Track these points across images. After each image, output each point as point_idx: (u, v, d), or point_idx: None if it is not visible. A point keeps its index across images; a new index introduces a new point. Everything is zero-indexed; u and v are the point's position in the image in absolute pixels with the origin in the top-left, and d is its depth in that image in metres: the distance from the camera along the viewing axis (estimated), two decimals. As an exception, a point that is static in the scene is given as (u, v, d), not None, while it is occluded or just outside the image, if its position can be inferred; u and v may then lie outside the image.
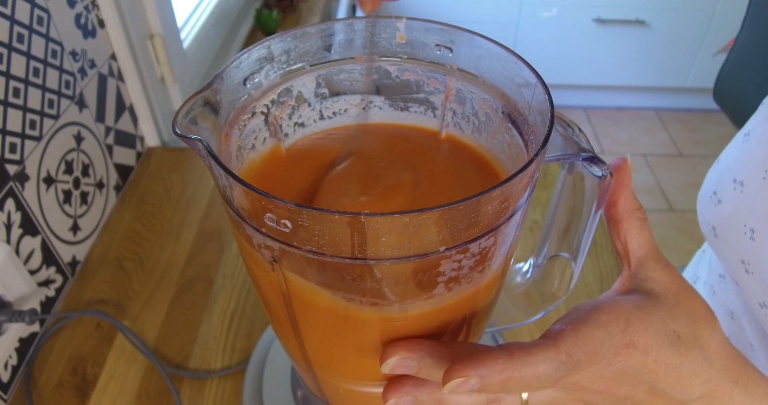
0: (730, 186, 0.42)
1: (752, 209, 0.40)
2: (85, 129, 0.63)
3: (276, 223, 0.25)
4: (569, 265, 0.36)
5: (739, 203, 0.41)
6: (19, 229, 0.52)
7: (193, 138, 0.26)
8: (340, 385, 0.38)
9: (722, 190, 0.43)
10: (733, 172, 0.42)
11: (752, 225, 0.40)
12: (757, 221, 0.39)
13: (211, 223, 0.68)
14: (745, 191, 0.40)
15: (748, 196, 0.40)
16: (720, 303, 0.49)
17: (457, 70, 0.35)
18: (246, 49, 0.31)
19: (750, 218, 0.40)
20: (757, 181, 0.40)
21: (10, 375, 0.51)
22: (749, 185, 0.40)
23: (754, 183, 0.40)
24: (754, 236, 0.40)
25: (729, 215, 0.42)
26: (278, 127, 0.36)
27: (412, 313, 0.29)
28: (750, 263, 0.41)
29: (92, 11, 0.64)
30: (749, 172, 0.40)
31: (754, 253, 0.40)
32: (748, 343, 0.46)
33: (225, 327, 0.57)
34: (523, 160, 0.30)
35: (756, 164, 0.40)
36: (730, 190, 0.42)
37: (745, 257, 0.41)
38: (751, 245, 0.40)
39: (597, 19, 2.08)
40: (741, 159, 0.41)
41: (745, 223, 0.40)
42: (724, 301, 0.48)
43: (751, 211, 0.40)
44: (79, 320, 0.57)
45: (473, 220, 0.25)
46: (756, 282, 0.40)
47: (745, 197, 0.40)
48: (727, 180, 0.42)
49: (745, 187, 0.41)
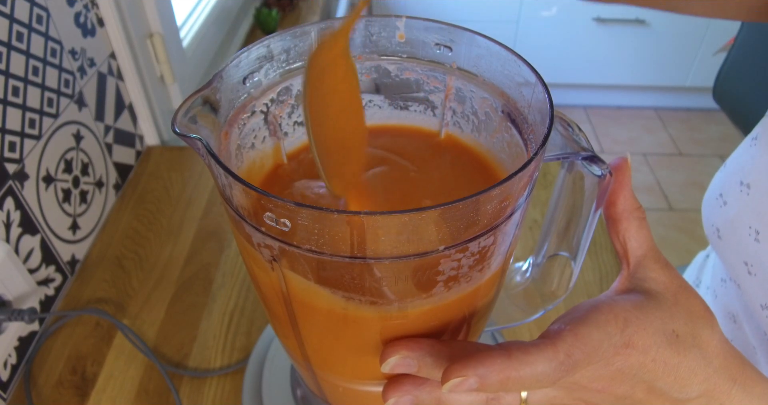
0: (737, 188, 0.42)
1: (758, 211, 0.40)
2: (84, 128, 0.63)
3: (275, 222, 0.25)
4: (569, 264, 0.36)
5: (745, 205, 0.41)
6: (18, 228, 0.52)
7: (192, 137, 0.26)
8: (339, 383, 0.38)
9: (728, 192, 0.43)
10: (740, 175, 0.42)
11: (757, 227, 0.40)
12: (763, 223, 0.40)
13: (211, 222, 0.68)
14: (752, 194, 0.41)
15: (755, 199, 0.40)
16: (722, 306, 0.49)
17: (457, 69, 0.35)
18: (245, 47, 0.31)
19: (755, 220, 0.40)
20: (764, 183, 0.40)
21: (10, 374, 0.51)
22: (756, 188, 0.40)
23: (762, 185, 0.40)
24: (759, 238, 0.40)
25: (734, 217, 0.42)
26: (278, 125, 0.36)
27: (411, 312, 0.29)
28: (753, 265, 0.41)
29: (92, 10, 0.64)
30: (756, 174, 0.41)
31: (757, 254, 0.40)
32: (751, 346, 0.46)
33: (224, 326, 0.57)
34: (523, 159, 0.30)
35: (763, 167, 0.40)
36: (737, 192, 0.42)
37: (748, 259, 0.41)
38: (755, 247, 0.40)
39: (597, 19, 2.08)
40: (748, 162, 0.42)
41: (750, 225, 0.40)
42: (726, 304, 0.48)
43: (757, 213, 0.40)
44: (78, 319, 0.57)
45: (473, 219, 0.25)
46: (758, 283, 0.41)
47: (751, 199, 0.41)
48: (733, 182, 0.42)
49: (751, 190, 0.41)
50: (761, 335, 0.44)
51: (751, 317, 0.45)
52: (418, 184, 0.34)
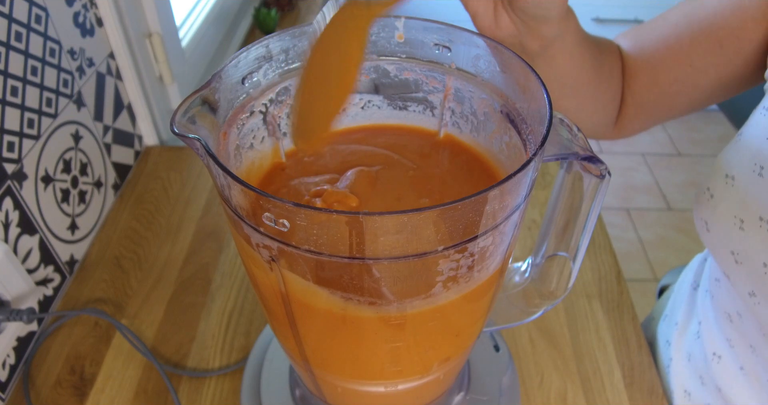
0: (722, 181, 0.43)
1: (742, 200, 0.41)
2: (83, 128, 0.63)
3: (274, 223, 0.25)
4: (567, 264, 0.36)
5: (730, 196, 0.42)
6: (17, 228, 0.52)
7: (191, 137, 0.26)
8: (338, 383, 0.38)
9: (715, 185, 0.44)
10: (725, 169, 0.44)
11: (741, 216, 0.41)
12: (747, 211, 0.41)
13: (210, 222, 0.68)
14: (736, 184, 0.42)
15: (739, 189, 0.42)
16: (719, 307, 0.49)
17: (456, 69, 0.35)
18: (244, 47, 0.31)
19: (740, 210, 0.41)
20: (747, 174, 0.41)
21: (8, 374, 0.51)
22: (740, 178, 0.42)
23: (745, 176, 0.41)
24: (743, 226, 0.41)
25: (720, 209, 0.43)
26: (276, 126, 0.36)
27: (410, 313, 0.29)
28: (739, 253, 0.42)
29: (90, 10, 0.64)
30: (740, 166, 0.42)
31: (742, 242, 0.41)
32: (748, 345, 0.46)
33: (223, 326, 0.57)
34: (522, 160, 0.30)
35: (747, 158, 0.41)
36: (722, 185, 0.43)
37: (734, 247, 0.42)
38: (740, 235, 0.41)
39: (596, 19, 2.08)
40: (734, 157, 0.43)
41: (735, 215, 0.42)
42: (721, 304, 0.49)
43: (741, 203, 0.41)
44: (77, 319, 0.57)
45: (471, 220, 0.25)
46: (745, 272, 0.41)
47: (735, 190, 0.42)
48: (719, 176, 0.44)
49: (735, 181, 0.42)
50: (759, 334, 0.44)
51: (747, 314, 0.45)
52: (417, 184, 0.34)
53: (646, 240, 1.79)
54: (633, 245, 1.77)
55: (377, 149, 0.37)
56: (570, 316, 0.58)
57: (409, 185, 0.34)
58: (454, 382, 0.46)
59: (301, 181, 0.35)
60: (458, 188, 0.34)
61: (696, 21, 0.47)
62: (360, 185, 0.33)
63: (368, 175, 0.34)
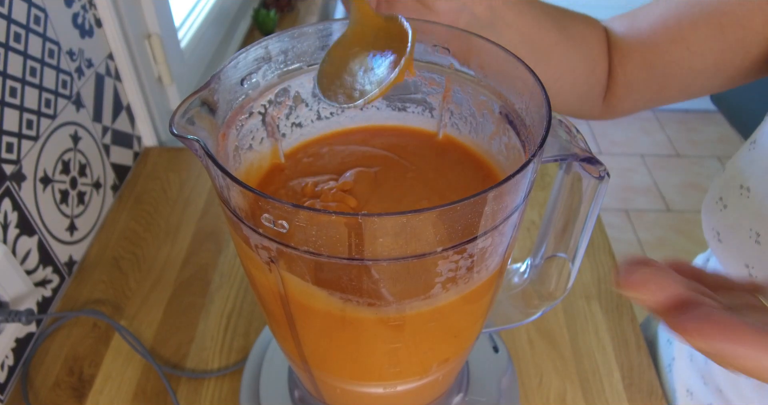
0: (737, 192, 0.42)
1: (759, 214, 0.40)
2: (82, 129, 0.63)
3: (273, 224, 0.25)
4: (566, 266, 0.36)
5: (745, 208, 0.41)
6: (15, 229, 0.52)
7: (190, 138, 0.26)
8: (337, 385, 0.38)
9: (728, 196, 0.43)
10: (739, 179, 0.42)
11: (758, 229, 0.40)
12: (763, 225, 0.40)
13: (209, 223, 0.67)
14: (752, 196, 0.41)
15: (755, 202, 0.41)
16: None
17: (455, 70, 0.35)
18: (244, 48, 0.31)
19: (756, 222, 0.40)
20: (764, 186, 0.40)
21: (7, 375, 0.51)
22: (756, 190, 0.41)
23: (762, 188, 0.40)
24: (760, 240, 0.40)
25: (734, 220, 0.42)
26: (275, 127, 0.36)
27: (409, 314, 0.29)
28: (755, 266, 0.41)
29: (89, 11, 0.64)
30: (757, 178, 0.41)
31: (759, 256, 0.40)
32: None
33: (222, 327, 0.57)
34: (521, 161, 0.30)
35: (763, 170, 0.41)
36: (737, 196, 0.42)
37: (749, 261, 0.41)
38: (756, 249, 0.40)
39: (595, 20, 2.08)
40: (748, 166, 0.42)
41: (751, 227, 0.41)
42: None
43: (758, 216, 0.40)
44: (75, 320, 0.57)
45: (470, 221, 0.25)
46: None
47: (751, 202, 0.41)
48: (733, 186, 0.43)
49: (752, 193, 0.41)
50: None
51: None
52: (416, 185, 0.34)
53: (645, 241, 1.79)
54: (632, 246, 1.77)
55: (376, 150, 0.37)
56: (569, 317, 0.58)
57: (408, 186, 0.34)
58: (453, 383, 0.46)
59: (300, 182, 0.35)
60: (457, 189, 0.34)
61: (699, 3, 0.45)
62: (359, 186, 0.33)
63: (367, 176, 0.34)
